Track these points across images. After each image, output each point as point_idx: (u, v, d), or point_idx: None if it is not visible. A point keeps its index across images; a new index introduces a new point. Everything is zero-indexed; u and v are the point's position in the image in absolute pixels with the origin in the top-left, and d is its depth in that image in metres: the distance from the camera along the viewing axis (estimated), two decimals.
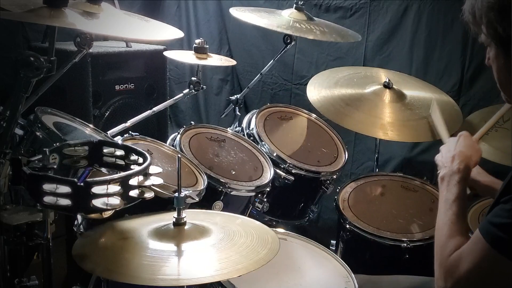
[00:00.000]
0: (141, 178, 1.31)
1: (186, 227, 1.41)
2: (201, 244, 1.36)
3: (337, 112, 2.36)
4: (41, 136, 1.64)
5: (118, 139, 2.00)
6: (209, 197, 1.99)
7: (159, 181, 1.36)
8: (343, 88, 2.48)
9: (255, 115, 2.48)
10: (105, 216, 1.37)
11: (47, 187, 1.20)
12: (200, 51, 2.38)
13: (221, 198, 2.05)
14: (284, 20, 2.52)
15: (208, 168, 2.12)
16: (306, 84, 2.53)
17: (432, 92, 2.55)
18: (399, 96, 2.44)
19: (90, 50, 1.79)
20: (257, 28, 3.05)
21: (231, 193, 2.09)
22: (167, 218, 1.46)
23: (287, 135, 2.53)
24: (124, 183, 1.25)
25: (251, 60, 3.43)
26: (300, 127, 2.62)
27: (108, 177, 1.24)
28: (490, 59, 1.29)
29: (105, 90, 2.67)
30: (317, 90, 2.46)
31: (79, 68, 2.46)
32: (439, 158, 1.57)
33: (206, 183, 1.97)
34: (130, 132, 2.10)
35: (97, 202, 1.21)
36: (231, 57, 3.35)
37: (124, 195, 1.25)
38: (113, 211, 1.29)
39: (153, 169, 1.35)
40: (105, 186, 1.22)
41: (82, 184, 1.19)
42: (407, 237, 2.06)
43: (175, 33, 1.85)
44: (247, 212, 2.24)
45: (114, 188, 1.23)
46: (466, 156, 1.50)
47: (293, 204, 2.50)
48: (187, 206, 1.81)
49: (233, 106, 2.72)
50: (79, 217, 1.84)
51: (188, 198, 1.80)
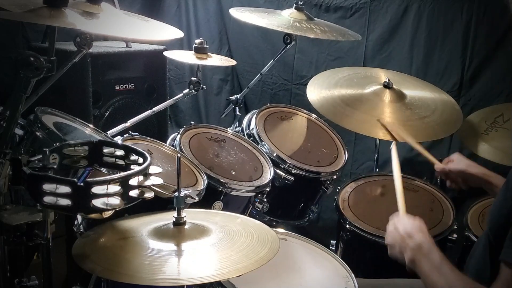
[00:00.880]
0: (141, 178, 1.31)
1: (186, 227, 1.41)
2: (201, 244, 1.36)
3: (337, 112, 2.36)
4: (41, 136, 1.64)
5: (118, 139, 2.00)
6: (209, 197, 1.99)
7: (159, 181, 1.36)
8: (343, 89, 2.47)
9: (255, 115, 2.48)
10: (105, 216, 1.37)
11: (47, 187, 1.20)
12: (200, 51, 2.38)
13: (221, 198, 2.05)
14: (284, 20, 2.52)
15: (208, 168, 2.12)
16: (306, 84, 2.53)
17: (432, 92, 2.55)
18: (399, 96, 2.44)
19: (90, 50, 1.80)
20: (257, 28, 3.06)
21: (231, 193, 2.09)
22: (167, 218, 1.46)
23: (287, 135, 2.53)
24: (124, 183, 1.25)
25: (251, 60, 3.43)
26: (300, 127, 2.62)
27: (108, 177, 1.24)
28: None
29: (105, 90, 2.67)
30: (317, 91, 2.46)
31: (79, 68, 2.46)
32: (393, 251, 1.52)
33: (206, 183, 1.97)
34: (130, 132, 2.10)
35: (97, 202, 1.21)
36: (231, 57, 3.35)
37: (124, 195, 1.25)
38: (113, 211, 1.29)
39: (153, 169, 1.35)
40: (105, 186, 1.22)
41: (82, 184, 1.19)
42: None
43: (175, 33, 1.85)
44: (247, 212, 2.24)
45: (114, 188, 1.23)
46: (414, 226, 1.49)
47: (293, 204, 2.50)
48: (187, 206, 1.81)
49: (233, 106, 2.72)
50: (79, 217, 1.84)
51: (188, 198, 1.80)
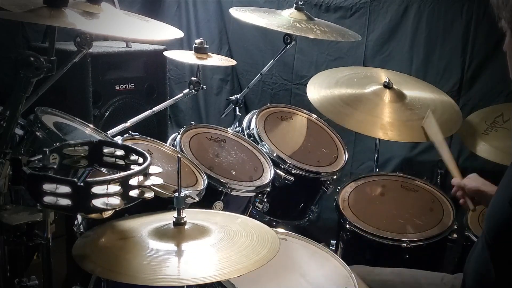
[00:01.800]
0: (141, 178, 1.30)
1: (186, 227, 1.41)
2: (201, 244, 1.36)
3: (337, 112, 2.36)
4: (41, 136, 1.64)
5: (118, 139, 2.00)
6: (209, 197, 1.99)
7: (159, 181, 1.36)
8: (343, 88, 2.48)
9: (255, 115, 2.48)
10: (105, 216, 1.37)
11: (47, 187, 1.20)
12: (200, 51, 2.38)
13: (221, 198, 2.05)
14: (284, 20, 2.52)
15: (208, 168, 2.12)
16: (306, 84, 2.53)
17: (432, 93, 2.55)
18: (399, 96, 2.44)
19: (90, 50, 1.79)
20: (257, 28, 3.05)
21: (231, 193, 2.09)
22: (167, 218, 1.46)
23: (287, 135, 2.53)
24: (124, 183, 1.25)
25: (251, 60, 3.43)
26: (300, 127, 2.62)
27: (108, 177, 1.24)
28: (505, 45, 1.28)
29: (105, 90, 2.67)
30: (317, 90, 2.46)
31: (79, 68, 2.46)
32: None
33: (206, 183, 1.97)
34: (130, 132, 2.10)
35: (97, 202, 1.21)
36: (231, 57, 3.35)
37: (124, 195, 1.25)
38: (113, 211, 1.29)
39: (153, 169, 1.35)
40: (105, 186, 1.22)
41: (82, 184, 1.19)
42: (407, 237, 2.06)
43: (175, 33, 1.85)
44: (247, 212, 2.24)
45: (114, 188, 1.23)
46: None
47: (293, 204, 2.50)
48: (187, 206, 1.81)
49: (233, 106, 2.72)
50: (79, 217, 1.84)
51: (188, 198, 1.80)
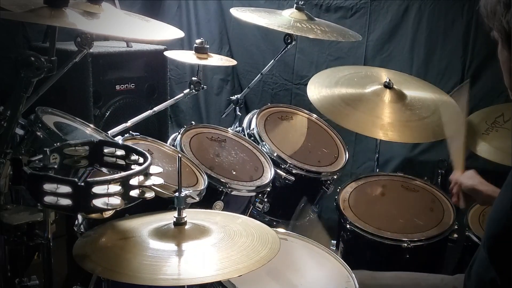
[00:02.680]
0: (142, 178, 1.30)
1: (187, 227, 1.41)
2: (202, 244, 1.36)
3: (337, 112, 2.36)
4: (42, 136, 1.64)
5: (119, 139, 2.00)
6: (210, 197, 1.99)
7: (160, 181, 1.36)
8: (344, 88, 2.47)
9: (256, 115, 2.48)
10: (106, 216, 1.37)
11: (48, 187, 1.20)
12: (201, 51, 2.38)
13: (222, 198, 2.05)
14: (285, 20, 2.52)
15: (209, 168, 2.12)
16: (307, 84, 2.53)
17: (433, 93, 2.55)
18: (400, 97, 2.44)
19: (91, 50, 1.79)
20: (258, 28, 3.06)
21: (232, 193, 2.09)
22: (168, 218, 1.46)
23: (288, 135, 2.53)
24: (125, 183, 1.25)
25: (252, 60, 3.43)
26: (301, 127, 2.62)
27: (109, 177, 1.24)
28: (498, 53, 1.29)
29: (106, 90, 2.67)
30: (318, 90, 2.46)
31: (80, 68, 2.46)
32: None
33: (207, 183, 1.97)
34: (131, 132, 2.10)
35: (98, 202, 1.21)
36: (232, 57, 3.36)
37: (125, 195, 1.25)
38: (114, 211, 1.29)
39: (154, 169, 1.35)
40: (106, 186, 1.22)
41: (83, 184, 1.19)
42: (408, 237, 2.06)
43: (176, 33, 1.85)
44: (248, 212, 2.24)
45: (115, 188, 1.23)
46: None
47: (294, 204, 2.49)
48: (188, 206, 1.81)
49: (234, 106, 2.72)
50: (80, 217, 1.84)
51: (189, 198, 1.80)
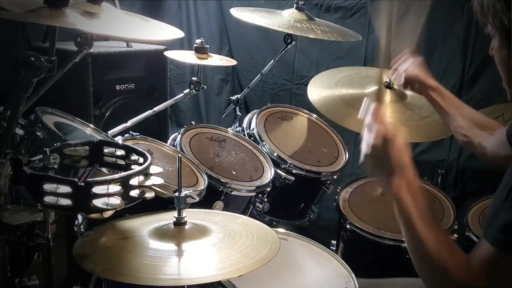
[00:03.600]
0: (142, 178, 1.31)
1: (187, 227, 1.41)
2: (202, 244, 1.37)
3: (338, 112, 2.35)
4: (42, 136, 1.64)
5: (119, 139, 2.00)
6: (210, 197, 1.99)
7: (160, 181, 1.36)
8: (344, 88, 2.47)
9: (256, 115, 2.48)
10: (106, 216, 1.37)
11: (48, 187, 1.20)
12: (201, 51, 2.38)
13: (222, 198, 2.05)
14: (285, 20, 2.52)
15: (209, 168, 2.12)
16: (307, 84, 2.53)
17: None
18: (400, 97, 2.43)
19: (91, 50, 1.79)
20: (258, 28, 3.05)
21: (232, 193, 2.09)
22: (168, 218, 1.46)
23: (288, 135, 2.53)
24: (125, 183, 1.25)
25: (252, 60, 3.43)
26: (301, 127, 2.62)
27: (109, 177, 1.24)
28: (494, 50, 1.30)
29: (106, 90, 2.67)
30: (318, 90, 2.45)
31: (80, 68, 2.46)
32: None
33: (207, 183, 1.97)
34: (131, 132, 2.10)
35: (98, 202, 1.21)
36: (232, 57, 3.36)
37: (125, 195, 1.25)
38: (114, 211, 1.29)
39: (154, 169, 1.35)
40: (106, 186, 1.22)
41: (83, 184, 1.20)
42: None
43: (176, 33, 1.85)
44: (248, 212, 2.24)
45: (115, 188, 1.23)
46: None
47: (294, 204, 2.50)
48: (188, 206, 1.81)
49: (234, 106, 2.72)
50: (80, 217, 1.84)
51: (188, 198, 1.80)
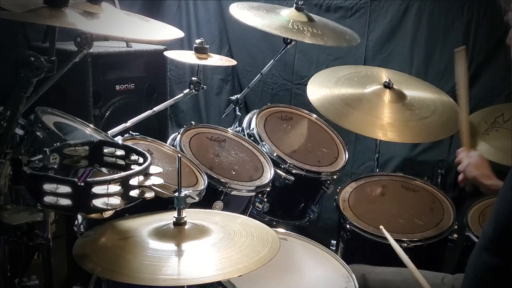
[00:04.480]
0: (142, 178, 1.31)
1: (186, 227, 1.41)
2: (202, 244, 1.37)
3: (337, 112, 2.36)
4: (42, 136, 1.64)
5: (119, 139, 2.00)
6: (210, 197, 1.99)
7: (160, 181, 1.36)
8: (343, 88, 2.47)
9: (256, 115, 2.48)
10: (106, 216, 1.37)
11: (48, 187, 1.20)
12: (201, 51, 2.38)
13: (222, 198, 2.05)
14: (284, 21, 2.51)
15: (209, 168, 2.12)
16: (307, 84, 2.53)
17: (433, 93, 2.55)
18: (399, 96, 2.44)
19: (91, 50, 1.79)
20: (258, 28, 3.05)
21: (232, 193, 2.09)
22: (167, 218, 1.46)
23: (288, 135, 2.53)
24: (125, 183, 1.25)
25: (252, 60, 3.43)
26: (301, 127, 2.62)
27: (109, 177, 1.24)
28: (511, 39, 1.30)
29: (106, 90, 2.67)
30: (317, 89, 2.46)
31: (80, 68, 2.45)
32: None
33: (207, 183, 1.97)
34: (131, 132, 2.10)
35: (98, 202, 1.21)
36: (232, 57, 3.35)
37: (125, 195, 1.25)
38: (114, 211, 1.29)
39: (154, 169, 1.35)
40: (106, 186, 1.22)
41: (83, 184, 1.20)
42: (408, 237, 2.06)
43: (176, 33, 1.85)
44: (248, 212, 2.24)
45: (115, 188, 1.23)
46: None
47: (294, 204, 2.50)
48: (188, 206, 1.81)
49: (234, 106, 2.72)
50: (80, 217, 1.84)
51: (188, 198, 1.80)
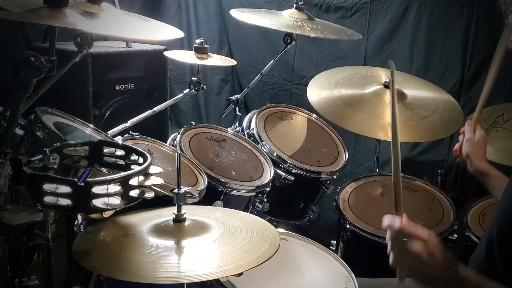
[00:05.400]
0: (142, 178, 1.31)
1: (186, 223, 1.41)
2: (201, 240, 1.36)
3: (338, 114, 2.36)
4: (42, 136, 1.64)
5: (119, 139, 2.00)
6: (210, 197, 1.99)
7: (160, 181, 1.36)
8: (344, 89, 2.47)
9: (256, 115, 2.48)
10: (106, 216, 1.38)
11: (48, 187, 1.20)
12: (201, 51, 2.38)
13: (221, 198, 2.05)
14: (285, 20, 2.52)
15: (209, 168, 2.12)
16: (307, 84, 2.53)
17: (433, 92, 2.55)
18: (400, 96, 2.44)
19: (91, 50, 1.79)
20: (258, 28, 3.06)
21: (231, 193, 2.09)
22: (167, 214, 1.45)
23: (288, 135, 2.53)
24: (125, 183, 1.25)
25: (252, 60, 3.43)
26: (301, 127, 2.62)
27: (109, 177, 1.24)
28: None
29: (106, 90, 2.67)
30: (318, 91, 2.45)
31: (80, 68, 2.45)
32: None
33: (206, 183, 1.97)
34: (131, 132, 2.10)
35: (98, 202, 1.21)
36: (232, 57, 3.36)
37: (125, 195, 1.25)
38: (114, 211, 1.29)
39: (154, 169, 1.35)
40: (106, 186, 1.22)
41: (83, 184, 1.20)
42: None
43: (176, 33, 1.85)
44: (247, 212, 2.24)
45: (115, 188, 1.23)
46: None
47: (294, 204, 2.50)
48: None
49: (234, 106, 2.72)
50: (79, 217, 1.84)
51: (188, 195, 1.79)
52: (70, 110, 2.01)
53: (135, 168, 1.37)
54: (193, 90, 2.44)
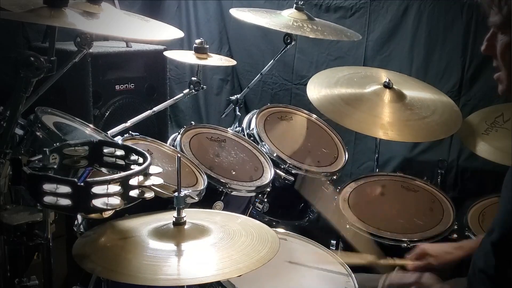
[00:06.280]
0: (141, 178, 1.31)
1: (186, 227, 1.41)
2: (201, 244, 1.36)
3: (337, 111, 2.36)
4: (41, 136, 1.64)
5: (118, 139, 2.00)
6: (210, 197, 1.99)
7: (159, 181, 1.36)
8: (343, 88, 2.48)
9: (255, 115, 2.47)
10: (105, 216, 1.37)
11: (47, 187, 1.20)
12: (200, 51, 2.38)
13: (222, 198, 2.05)
14: (285, 20, 2.52)
15: (209, 168, 2.11)
16: (306, 84, 2.53)
17: (432, 93, 2.55)
18: (399, 96, 2.44)
19: (90, 50, 1.80)
20: (257, 28, 3.05)
21: (232, 193, 2.09)
22: (167, 218, 1.46)
23: (287, 135, 2.53)
24: (124, 183, 1.25)
25: (251, 60, 3.44)
26: (300, 127, 2.62)
27: (108, 177, 1.24)
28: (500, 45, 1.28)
29: (105, 90, 2.67)
30: (317, 89, 2.46)
31: (79, 68, 2.46)
32: None
33: (206, 183, 1.97)
34: (130, 132, 2.10)
35: (97, 202, 1.21)
36: (231, 57, 3.35)
37: (124, 195, 1.25)
38: (113, 211, 1.29)
39: (153, 169, 1.35)
40: (105, 186, 1.22)
41: (82, 184, 1.20)
42: (407, 237, 2.06)
43: (175, 33, 1.85)
44: (248, 212, 2.24)
45: (114, 188, 1.23)
46: None
47: (293, 204, 2.49)
48: (188, 206, 1.81)
49: (233, 106, 2.72)
50: (79, 217, 1.84)
51: (188, 198, 1.80)
52: (70, 110, 2.02)
53: (135, 168, 1.37)
54: (193, 90, 2.44)
